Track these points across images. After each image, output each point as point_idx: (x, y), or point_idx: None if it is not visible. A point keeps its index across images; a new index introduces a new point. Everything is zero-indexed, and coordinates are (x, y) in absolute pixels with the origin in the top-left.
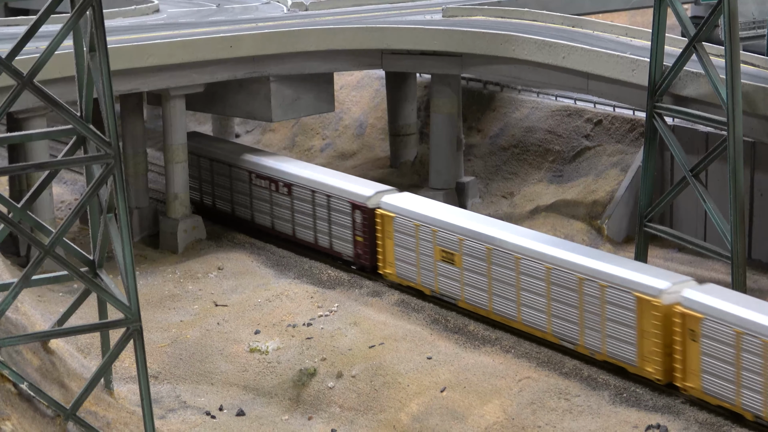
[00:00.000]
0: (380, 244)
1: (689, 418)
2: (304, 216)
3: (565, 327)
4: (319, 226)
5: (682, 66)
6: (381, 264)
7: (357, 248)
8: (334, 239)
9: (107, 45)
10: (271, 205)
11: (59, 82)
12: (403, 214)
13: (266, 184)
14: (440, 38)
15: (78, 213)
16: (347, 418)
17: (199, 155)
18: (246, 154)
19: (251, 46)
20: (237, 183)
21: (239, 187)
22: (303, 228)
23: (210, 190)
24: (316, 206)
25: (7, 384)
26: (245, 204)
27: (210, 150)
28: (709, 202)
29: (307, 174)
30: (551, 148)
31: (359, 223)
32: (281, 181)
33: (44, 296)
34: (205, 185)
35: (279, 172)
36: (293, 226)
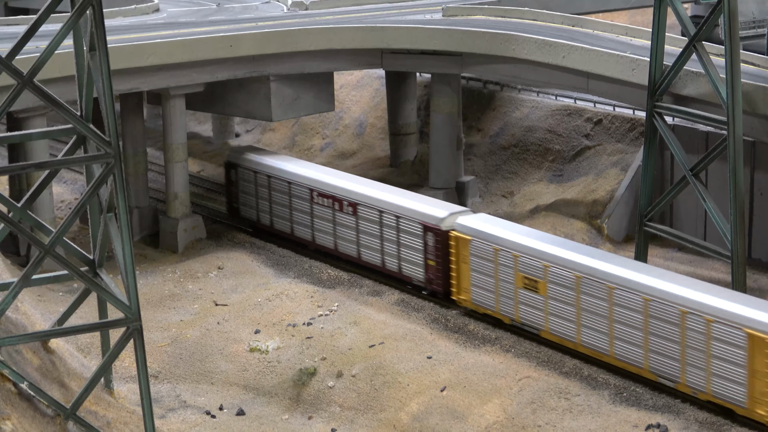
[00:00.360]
0: (454, 268)
1: (689, 418)
2: (370, 237)
3: (664, 363)
4: (387, 249)
5: (682, 65)
6: (455, 290)
7: (428, 272)
8: (403, 263)
9: (107, 44)
10: (334, 226)
11: (59, 82)
12: (481, 238)
13: (329, 203)
14: (440, 38)
15: (78, 212)
16: (347, 417)
17: (255, 170)
18: (307, 171)
19: (251, 46)
20: (297, 201)
21: (299, 206)
22: (369, 250)
23: (267, 209)
24: (384, 227)
25: (7, 383)
26: (306, 224)
27: (268, 165)
28: (709, 202)
29: (374, 193)
30: (551, 147)
31: (431, 246)
32: (346, 200)
33: (44, 296)
34: (262, 203)
35: (343, 191)
36: (358, 248)
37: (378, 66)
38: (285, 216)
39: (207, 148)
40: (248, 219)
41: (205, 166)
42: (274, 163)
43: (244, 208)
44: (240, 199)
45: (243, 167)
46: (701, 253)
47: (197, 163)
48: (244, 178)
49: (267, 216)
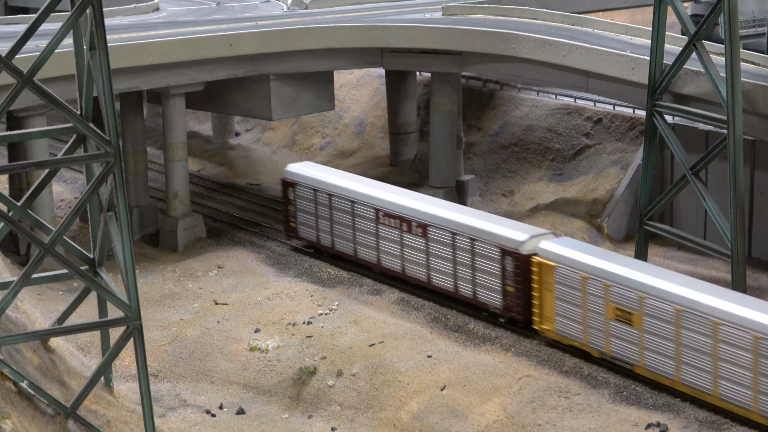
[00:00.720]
0: (536, 296)
1: (689, 417)
2: (442, 261)
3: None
4: (461, 273)
5: (682, 64)
6: (537, 318)
7: (507, 299)
8: (478, 288)
9: (107, 43)
10: (402, 248)
11: (59, 81)
12: (567, 264)
13: (396, 224)
14: (440, 36)
15: (78, 211)
16: (347, 416)
17: (315, 189)
18: (373, 189)
19: (251, 45)
20: (361, 222)
21: (363, 227)
22: (440, 274)
23: (328, 229)
24: (458, 250)
25: (7, 382)
26: (370, 245)
27: (329, 183)
28: (709, 201)
29: (446, 214)
30: (551, 146)
31: (510, 271)
32: (415, 220)
33: (44, 295)
34: (323, 223)
35: (412, 211)
36: (428, 271)
37: (378, 65)
38: (348, 237)
39: (207, 147)
40: (307, 239)
41: (205, 165)
42: (337, 181)
43: (303, 228)
44: (298, 218)
45: (302, 185)
46: (701, 252)
47: (197, 162)
48: (303, 196)
49: (328, 237)
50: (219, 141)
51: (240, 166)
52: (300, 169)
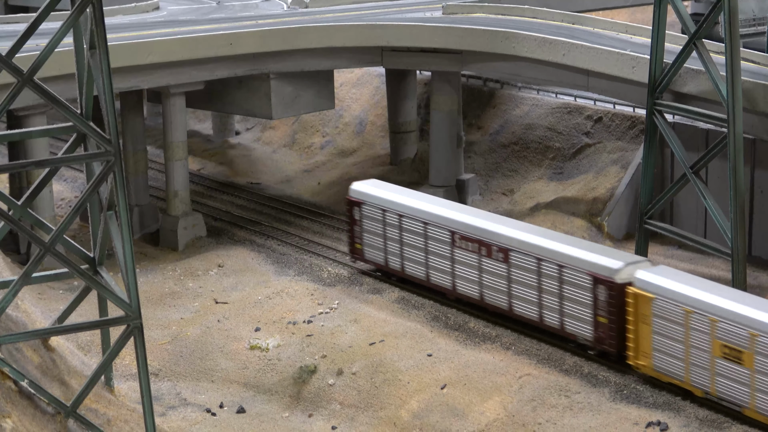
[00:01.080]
0: (631, 329)
1: (689, 415)
2: (525, 288)
3: None
4: (546, 302)
5: (682, 63)
6: (632, 353)
7: (598, 331)
8: (566, 318)
9: (107, 42)
10: (480, 273)
11: (59, 80)
12: (668, 297)
13: (475, 248)
14: (440, 35)
15: (78, 210)
16: (347, 415)
17: (384, 208)
18: (448, 211)
19: (251, 44)
20: (435, 245)
21: (438, 250)
22: (523, 303)
23: (397, 252)
24: (543, 278)
25: (7, 381)
26: (445, 270)
27: (399, 203)
28: (709, 199)
29: (531, 238)
30: (551, 145)
31: (603, 301)
32: (496, 244)
33: (44, 294)
34: (391, 245)
35: (493, 234)
36: (510, 299)
37: (378, 64)
38: (419, 260)
39: (207, 146)
40: (373, 262)
41: (205, 164)
42: (408, 201)
43: (370, 250)
44: (364, 240)
45: (369, 204)
46: (701, 251)
47: (197, 161)
48: (371, 216)
49: (397, 260)
50: (219, 140)
51: (240, 165)
52: (367, 188)
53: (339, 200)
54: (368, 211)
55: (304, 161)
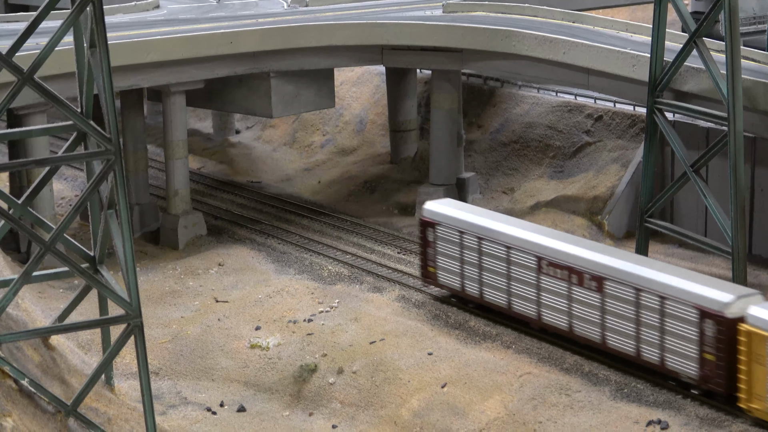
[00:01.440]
0: (744, 369)
1: (690, 414)
2: (621, 321)
3: None
4: (645, 336)
5: (682, 61)
6: (743, 395)
7: (704, 369)
8: (667, 354)
9: (107, 41)
10: (570, 303)
11: (60, 79)
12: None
13: (564, 275)
14: (440, 34)
15: (78, 209)
16: (348, 413)
17: (461, 230)
18: (534, 234)
19: (251, 42)
20: (518, 270)
21: (521, 276)
22: (618, 336)
23: (476, 277)
24: (642, 309)
25: (8, 380)
26: (529, 298)
27: (478, 225)
28: (709, 198)
29: (628, 267)
30: (552, 143)
31: (710, 337)
32: (588, 272)
33: (45, 292)
34: (469, 270)
35: (585, 261)
36: (603, 331)
37: (378, 62)
38: (500, 287)
39: (207, 144)
40: (448, 287)
41: (205, 163)
42: (488, 223)
43: (444, 275)
44: (438, 263)
45: (445, 226)
46: (702, 249)
47: (197, 159)
48: (446, 238)
49: (475, 285)
50: (219, 139)
51: (240, 164)
52: (442, 208)
53: (339, 199)
54: (443, 232)
55: (305, 160)
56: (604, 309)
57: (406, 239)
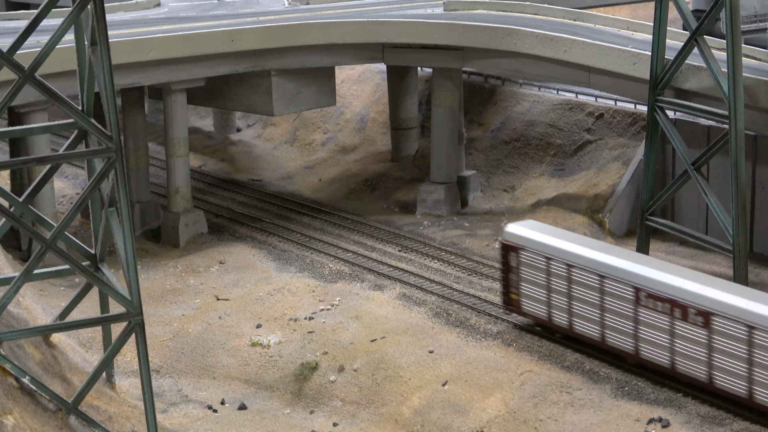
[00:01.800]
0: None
1: (691, 412)
2: (731, 360)
3: None
4: (761, 378)
5: (683, 59)
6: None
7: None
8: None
9: (108, 39)
10: (672, 338)
11: (60, 76)
12: None
13: (666, 309)
14: (441, 32)
15: (79, 207)
16: (349, 411)
17: (549, 256)
18: (631, 263)
19: (252, 40)
20: (612, 301)
21: (616, 308)
22: (728, 376)
23: (564, 306)
24: (756, 349)
25: (9, 378)
26: (625, 331)
27: (568, 251)
28: (710, 196)
29: (741, 302)
30: (553, 141)
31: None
32: (693, 306)
33: (46, 290)
34: (557, 299)
35: (689, 294)
36: (710, 370)
37: (379, 60)
38: (593, 318)
39: (208, 142)
40: (533, 316)
41: (206, 161)
42: (579, 250)
43: (528, 303)
44: (522, 290)
45: (529, 251)
46: (703, 248)
47: (198, 157)
48: (531, 264)
49: (564, 316)
50: (220, 137)
51: (241, 162)
52: (526, 232)
53: (340, 197)
54: (528, 257)
55: (305, 158)
56: (712, 347)
57: (407, 237)
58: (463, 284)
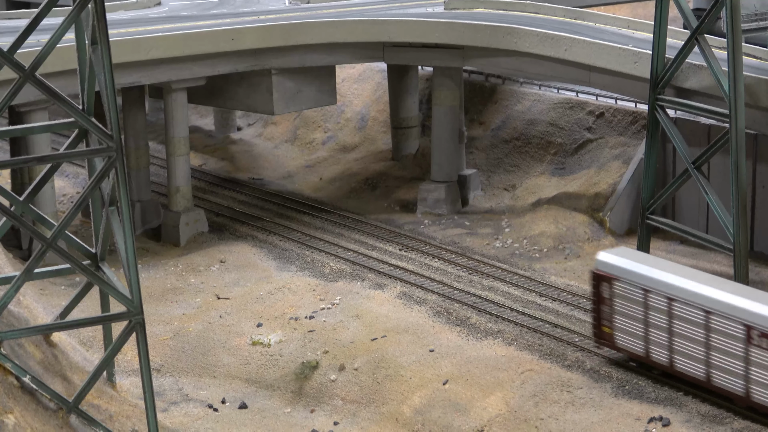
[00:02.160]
0: None
1: (691, 410)
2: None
3: None
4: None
5: (684, 58)
6: None
7: None
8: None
9: (109, 38)
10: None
11: (61, 76)
12: None
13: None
14: (442, 31)
15: (80, 206)
16: (349, 410)
17: (647, 289)
18: (741, 299)
19: (253, 39)
20: (720, 340)
21: (725, 346)
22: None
23: (665, 343)
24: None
25: (9, 377)
26: (735, 372)
27: (669, 284)
28: (711, 195)
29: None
30: (553, 140)
31: None
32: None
33: (46, 289)
34: (656, 335)
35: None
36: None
37: (380, 59)
38: (697, 357)
39: (209, 141)
40: (628, 351)
41: (207, 160)
42: (682, 282)
43: (623, 337)
44: (616, 324)
45: (625, 282)
46: (703, 246)
47: (199, 156)
48: (627, 296)
49: (664, 353)
50: (221, 135)
51: (242, 161)
52: (621, 261)
53: (340, 196)
54: (623, 289)
55: (306, 157)
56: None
57: (408, 236)
58: (464, 283)
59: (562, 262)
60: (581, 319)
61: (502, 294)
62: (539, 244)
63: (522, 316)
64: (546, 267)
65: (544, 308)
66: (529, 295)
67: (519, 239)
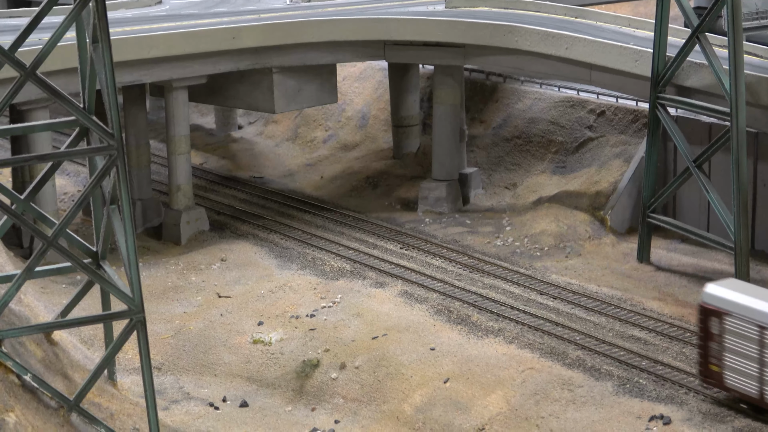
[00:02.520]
0: None
1: (692, 409)
2: None
3: None
4: None
5: (685, 57)
6: None
7: None
8: None
9: (110, 36)
10: None
11: (62, 74)
12: None
13: None
14: (443, 29)
15: (81, 205)
16: (350, 409)
17: (763, 325)
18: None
19: (254, 38)
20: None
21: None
22: None
23: (757, 373)
24: None
25: (10, 375)
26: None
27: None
28: (712, 193)
29: None
30: (554, 139)
31: None
32: None
33: (47, 288)
34: (745, 364)
35: None
36: None
37: (381, 58)
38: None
39: (210, 140)
40: (739, 391)
41: (207, 158)
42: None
43: (734, 377)
44: (726, 362)
45: (737, 317)
46: (704, 245)
47: (200, 155)
48: (739, 332)
49: (754, 384)
50: (222, 134)
51: (243, 159)
52: (733, 295)
53: (341, 194)
54: (735, 325)
55: (307, 155)
56: None
57: (409, 234)
58: (465, 281)
59: (562, 260)
60: (582, 317)
61: (502, 292)
62: (540, 243)
63: (523, 314)
64: (547, 265)
65: (545, 307)
66: (529, 294)
67: (520, 238)
